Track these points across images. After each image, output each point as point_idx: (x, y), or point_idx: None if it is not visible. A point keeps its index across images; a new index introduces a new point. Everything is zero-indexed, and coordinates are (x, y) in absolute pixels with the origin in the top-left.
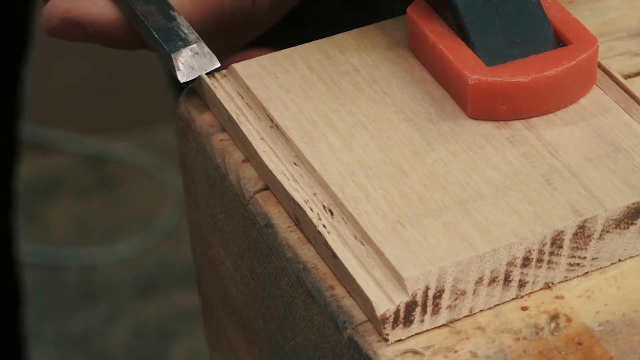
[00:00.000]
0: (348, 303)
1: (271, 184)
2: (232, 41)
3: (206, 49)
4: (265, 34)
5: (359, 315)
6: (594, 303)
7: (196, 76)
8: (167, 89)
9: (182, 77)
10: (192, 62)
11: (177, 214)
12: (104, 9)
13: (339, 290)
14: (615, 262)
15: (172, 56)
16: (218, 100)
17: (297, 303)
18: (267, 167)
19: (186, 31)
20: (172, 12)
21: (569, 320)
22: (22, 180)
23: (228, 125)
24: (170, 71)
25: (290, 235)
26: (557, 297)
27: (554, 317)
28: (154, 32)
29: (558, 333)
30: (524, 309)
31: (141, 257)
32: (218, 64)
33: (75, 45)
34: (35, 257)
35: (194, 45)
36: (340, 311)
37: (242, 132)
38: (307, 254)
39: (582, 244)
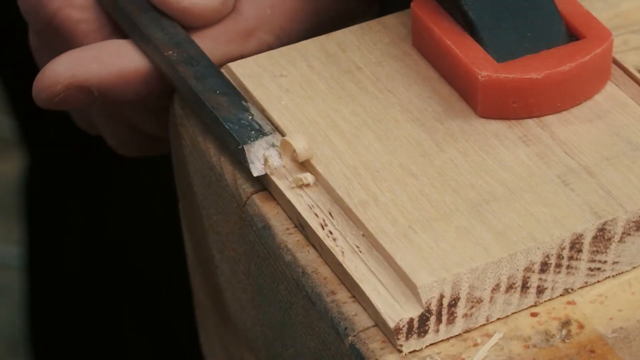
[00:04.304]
0: (350, 309)
1: (272, 189)
2: None
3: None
4: None
5: (361, 322)
6: (607, 309)
7: (270, 170)
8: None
9: (255, 171)
10: (265, 154)
11: None
12: (112, 67)
13: (340, 296)
14: (637, 266)
15: (245, 148)
16: None
17: (296, 309)
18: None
19: (260, 122)
20: (244, 103)
21: (581, 326)
22: (10, 178)
23: None
24: (244, 165)
25: (289, 237)
26: (568, 303)
27: (565, 323)
28: (224, 124)
29: (569, 340)
30: (533, 315)
31: None
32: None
33: None
34: (23, 260)
35: (269, 137)
36: (342, 317)
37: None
38: (307, 257)
39: (602, 248)
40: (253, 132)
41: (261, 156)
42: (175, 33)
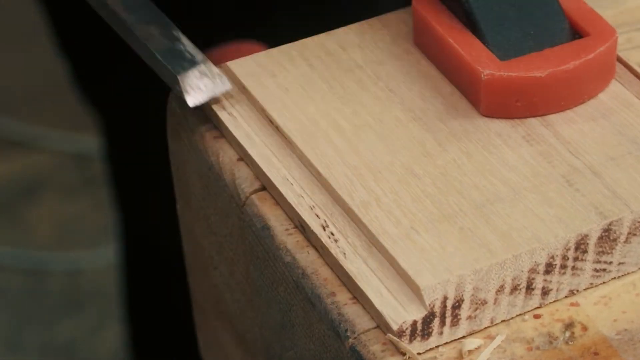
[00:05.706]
0: (350, 310)
1: (272, 190)
2: None
3: (215, 69)
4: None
5: (361, 324)
6: (611, 310)
7: (206, 99)
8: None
9: (191, 100)
10: (200, 83)
11: None
12: None
13: (341, 297)
14: None
15: (179, 78)
16: (209, 105)
17: (295, 310)
18: (267, 172)
19: (192, 51)
20: (175, 32)
21: (584, 328)
22: (4, 179)
23: (224, 128)
24: (177, 95)
25: (289, 238)
26: (572, 304)
27: (569, 325)
28: (157, 54)
29: (573, 342)
30: (536, 317)
31: None
32: (229, 86)
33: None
34: (18, 261)
35: (202, 66)
36: (342, 319)
37: (236, 137)
38: (307, 258)
39: (607, 248)
40: (185, 62)
41: (195, 85)
42: None
